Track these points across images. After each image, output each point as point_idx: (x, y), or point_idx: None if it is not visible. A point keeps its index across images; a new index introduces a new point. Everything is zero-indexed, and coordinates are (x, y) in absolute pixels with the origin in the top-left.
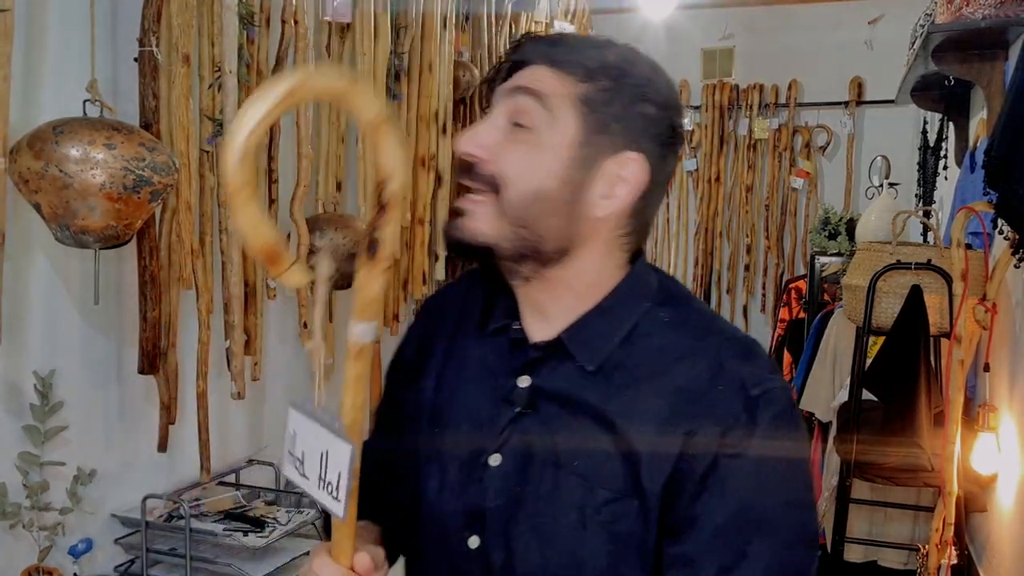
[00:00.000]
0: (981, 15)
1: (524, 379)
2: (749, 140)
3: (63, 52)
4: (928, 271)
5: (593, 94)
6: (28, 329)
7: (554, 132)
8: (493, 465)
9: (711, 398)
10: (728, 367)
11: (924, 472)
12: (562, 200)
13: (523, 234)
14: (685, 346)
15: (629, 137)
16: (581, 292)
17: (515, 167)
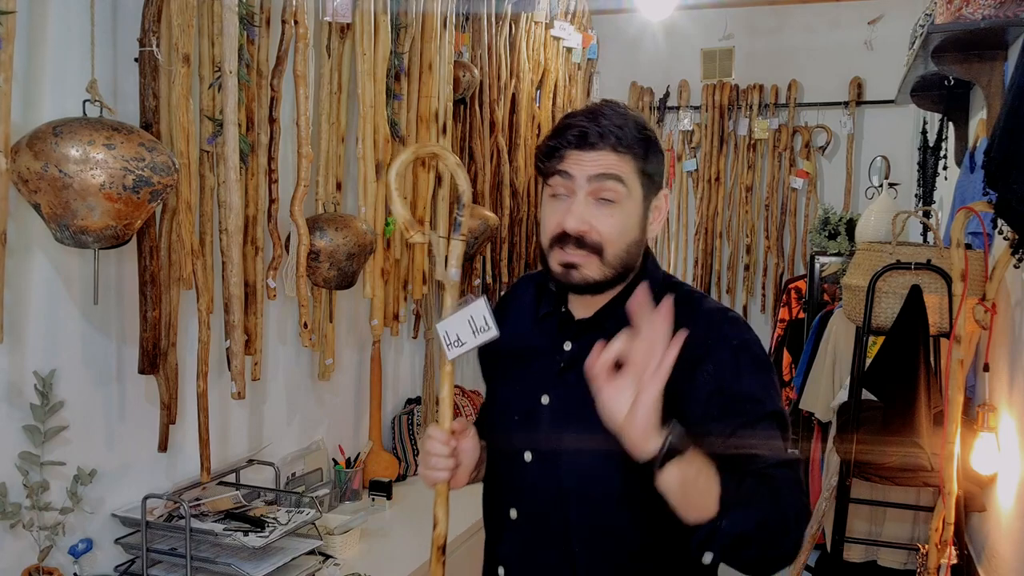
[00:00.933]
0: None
1: (568, 344)
2: (749, 140)
3: (63, 52)
4: (928, 271)
5: (645, 166)
6: (28, 329)
7: (631, 200)
8: (544, 404)
9: (706, 349)
10: (716, 328)
11: (924, 472)
12: (639, 242)
13: (621, 271)
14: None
15: (661, 180)
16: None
17: (611, 232)
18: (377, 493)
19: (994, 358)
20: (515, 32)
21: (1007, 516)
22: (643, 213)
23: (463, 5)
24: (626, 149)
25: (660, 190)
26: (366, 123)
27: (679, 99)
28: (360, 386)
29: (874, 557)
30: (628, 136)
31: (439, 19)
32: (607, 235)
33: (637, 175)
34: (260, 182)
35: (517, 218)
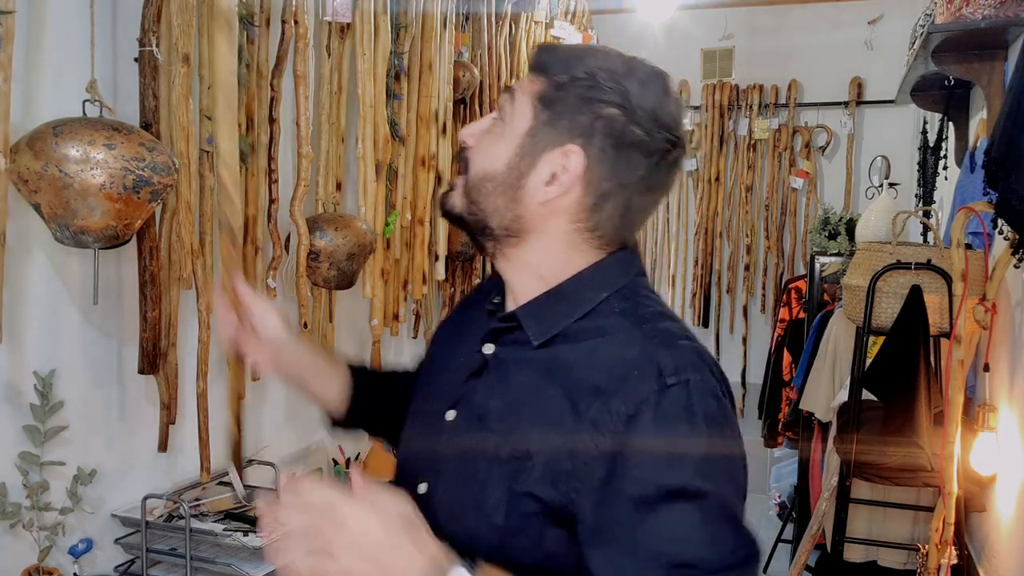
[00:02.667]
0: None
1: (488, 347)
2: (749, 140)
3: (63, 52)
4: (928, 271)
5: (549, 91)
6: (28, 329)
7: (514, 123)
8: (449, 420)
9: (629, 379)
10: (650, 353)
11: (924, 472)
12: (505, 181)
13: (474, 210)
14: (621, 330)
15: (576, 133)
16: (545, 277)
17: (478, 152)
18: None
19: (994, 358)
20: (515, 32)
21: (1007, 516)
22: (522, 152)
23: (463, 5)
24: (542, 71)
25: (569, 144)
26: (366, 123)
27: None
28: None
29: (874, 557)
30: (556, 59)
31: (439, 19)
32: (474, 152)
33: (533, 100)
34: (260, 182)
35: None
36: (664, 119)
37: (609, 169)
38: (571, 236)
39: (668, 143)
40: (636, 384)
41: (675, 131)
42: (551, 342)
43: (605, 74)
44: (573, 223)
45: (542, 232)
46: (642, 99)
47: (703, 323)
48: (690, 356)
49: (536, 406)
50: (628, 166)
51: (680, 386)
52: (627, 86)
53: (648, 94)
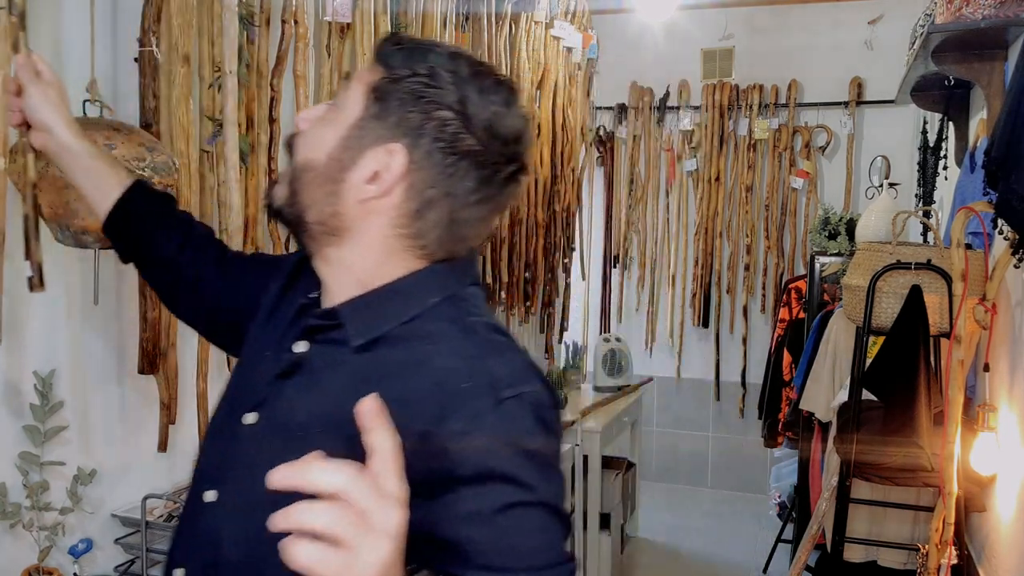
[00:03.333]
0: (981, 15)
1: (301, 344)
2: (749, 140)
3: (63, 52)
4: (928, 271)
5: (383, 84)
6: (28, 329)
7: (343, 112)
8: (247, 423)
9: (460, 394)
10: (482, 365)
11: (924, 472)
12: (324, 173)
13: (293, 201)
14: (450, 339)
15: (404, 132)
16: (364, 281)
17: (305, 139)
18: None
19: (994, 358)
20: (515, 32)
21: (1007, 516)
22: (345, 144)
23: (463, 5)
24: (381, 61)
25: (394, 143)
26: None
27: (679, 99)
28: None
29: (874, 557)
30: (398, 51)
31: (439, 19)
32: (301, 139)
33: (367, 90)
34: (260, 182)
35: (517, 218)
36: (502, 131)
37: (435, 175)
38: (391, 241)
39: (504, 157)
40: (469, 398)
41: (513, 145)
42: (372, 346)
43: (447, 75)
44: (393, 228)
45: (361, 233)
46: (480, 107)
47: (703, 323)
48: (523, 367)
49: (352, 416)
50: (457, 175)
51: (516, 399)
52: (466, 91)
53: (488, 103)
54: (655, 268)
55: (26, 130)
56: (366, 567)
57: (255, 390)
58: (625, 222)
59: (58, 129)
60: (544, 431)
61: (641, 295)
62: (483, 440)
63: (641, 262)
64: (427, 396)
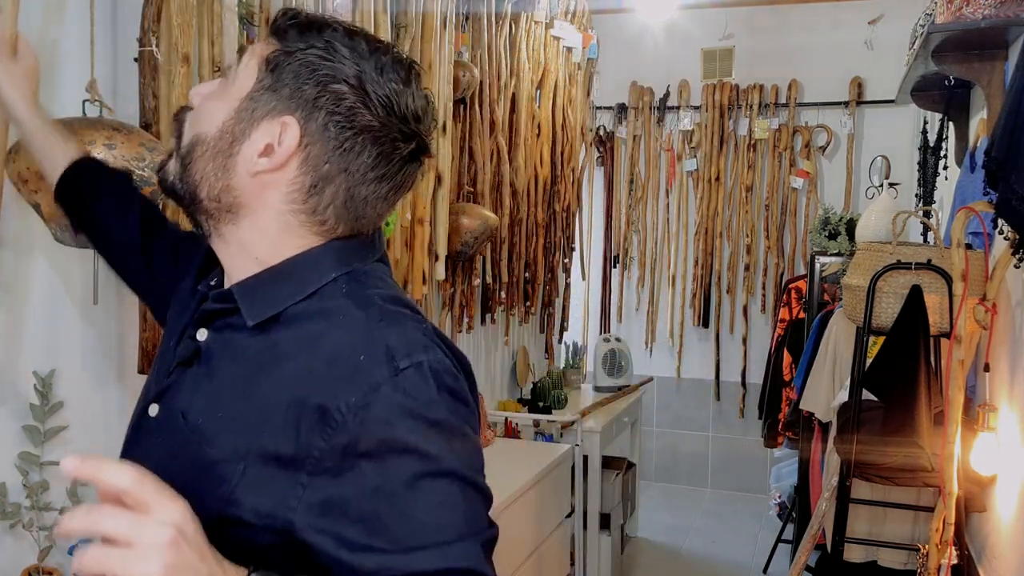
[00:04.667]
0: (981, 15)
1: (202, 332)
2: (749, 140)
3: (63, 52)
4: (928, 271)
5: (277, 56)
6: (27, 329)
7: (235, 84)
8: (152, 415)
9: (356, 367)
10: (378, 336)
11: (924, 472)
12: (215, 146)
13: (185, 176)
14: (346, 312)
15: (297, 105)
16: (261, 259)
17: (196, 113)
18: None
19: (994, 358)
20: (515, 32)
21: (1008, 516)
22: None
23: (463, 5)
24: (277, 34)
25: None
26: None
27: (679, 99)
28: None
29: (874, 557)
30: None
31: (439, 19)
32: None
33: (260, 62)
34: None
35: (517, 218)
36: (400, 109)
37: (331, 150)
38: (286, 217)
39: (403, 135)
40: (366, 371)
41: (413, 123)
42: (268, 327)
43: (344, 49)
44: (288, 203)
45: (255, 208)
46: (377, 84)
47: (703, 323)
48: (420, 336)
49: (252, 401)
50: (353, 150)
51: (414, 368)
52: (364, 67)
53: (386, 80)
54: (655, 268)
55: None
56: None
57: (158, 381)
58: (625, 222)
59: (14, 106)
60: (449, 399)
61: (641, 295)
62: (381, 412)
63: (641, 262)
64: (323, 372)
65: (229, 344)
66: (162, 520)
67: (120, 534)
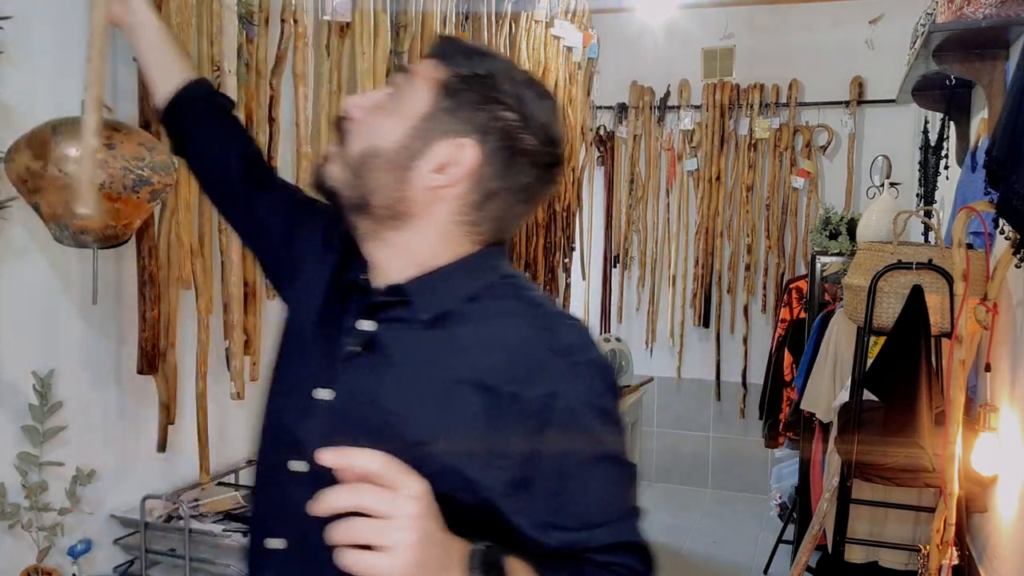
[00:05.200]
0: (982, 15)
1: (366, 323)
2: (750, 140)
3: (63, 52)
4: (929, 271)
5: (452, 81)
6: (27, 329)
7: (407, 103)
8: (320, 399)
9: (539, 361)
10: (556, 335)
11: (925, 472)
12: (393, 160)
13: (356, 184)
14: (520, 313)
15: (473, 129)
16: (418, 261)
17: (365, 126)
18: None
19: (995, 358)
20: (515, 31)
21: (1009, 517)
22: (415, 135)
23: (463, 4)
24: (445, 60)
25: (465, 138)
26: None
27: (680, 98)
28: None
29: (875, 558)
30: (462, 53)
31: (439, 18)
32: (359, 126)
33: (434, 85)
34: None
35: None
36: (552, 135)
37: (498, 170)
38: (450, 227)
39: (552, 158)
40: (550, 365)
41: (559, 148)
42: (441, 323)
43: (505, 79)
44: (454, 215)
45: (424, 218)
46: (537, 111)
47: (704, 323)
48: (586, 335)
49: (439, 389)
50: (516, 171)
51: (587, 363)
52: (524, 95)
53: (542, 108)
54: (655, 268)
55: None
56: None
57: (325, 366)
58: (625, 222)
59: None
60: (610, 391)
61: (641, 295)
62: (564, 402)
63: (641, 262)
64: (506, 367)
65: (401, 336)
66: (410, 495)
67: (378, 508)
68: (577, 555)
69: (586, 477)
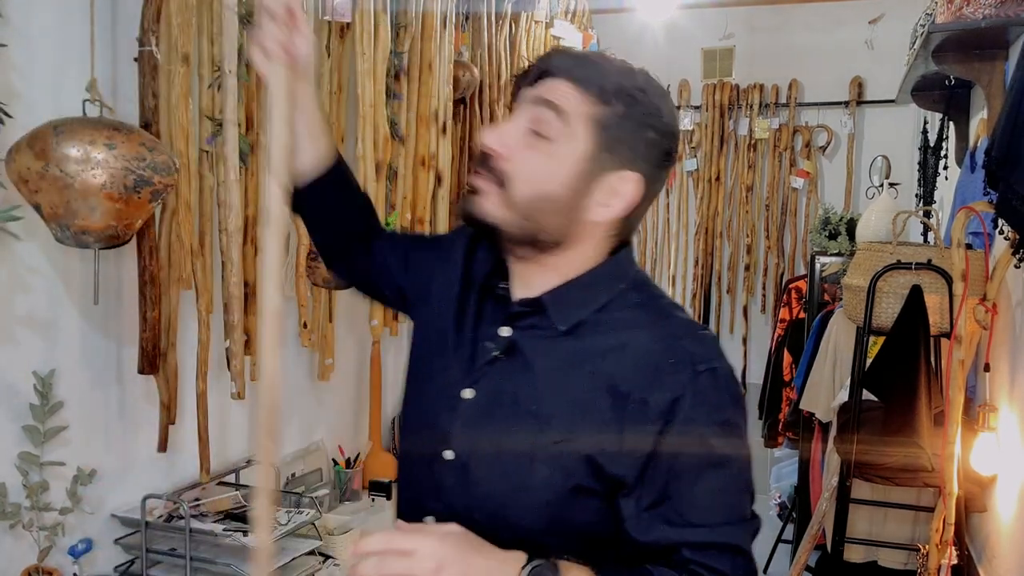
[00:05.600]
0: (981, 15)
1: (505, 329)
2: (749, 140)
3: (63, 52)
4: (928, 271)
5: (606, 117)
6: (28, 329)
7: (568, 145)
8: (466, 397)
9: (664, 369)
10: (681, 345)
11: (924, 472)
12: (565, 203)
13: (527, 225)
14: (647, 323)
15: (631, 158)
16: (566, 273)
17: (527, 169)
18: (377, 493)
19: (995, 358)
20: (515, 31)
21: (1008, 516)
22: (582, 177)
23: (463, 4)
24: (587, 87)
25: (627, 171)
26: (366, 123)
27: (679, 99)
28: (360, 386)
29: (874, 557)
30: (602, 78)
31: (439, 19)
32: (518, 167)
33: (590, 124)
34: (260, 182)
35: None
36: (677, 131)
37: (649, 188)
38: (599, 241)
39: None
40: (672, 372)
41: (677, 143)
42: (575, 331)
43: (642, 95)
44: (607, 232)
45: (583, 241)
46: (669, 118)
47: (703, 323)
48: (713, 345)
49: (574, 392)
50: (660, 180)
51: (709, 373)
52: (660, 105)
53: (669, 109)
54: (655, 268)
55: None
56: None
57: (468, 369)
58: None
59: (306, 68)
60: (733, 401)
61: None
62: (686, 410)
63: (641, 262)
64: (634, 373)
65: (538, 342)
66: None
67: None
68: (670, 552)
69: (699, 480)
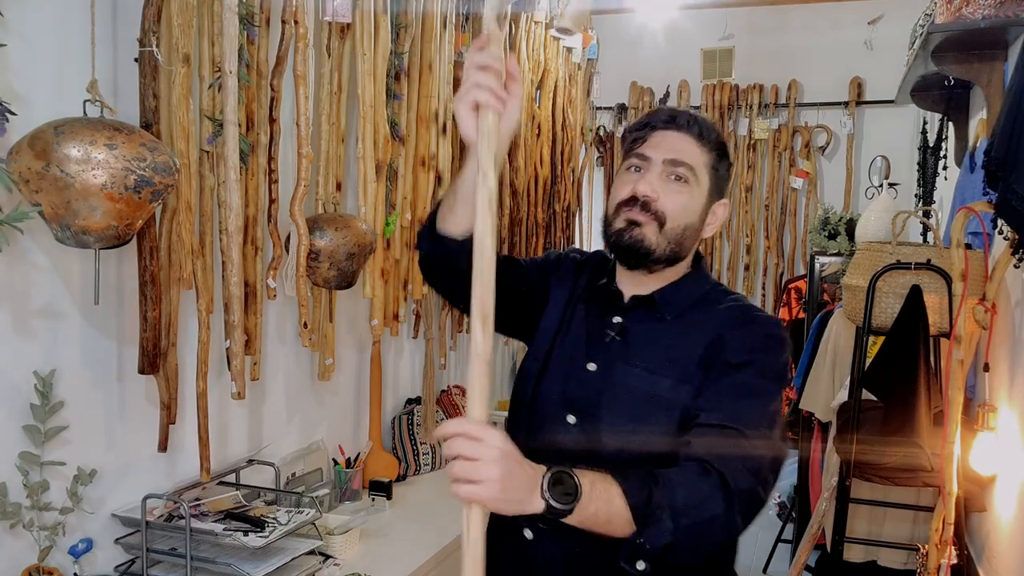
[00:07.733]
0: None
1: (618, 319)
2: (749, 140)
3: (63, 52)
4: (928, 271)
5: (715, 163)
6: (28, 329)
7: (699, 187)
8: (590, 369)
9: (735, 320)
10: (755, 316)
11: (924, 472)
12: (696, 229)
13: (675, 249)
14: (730, 304)
15: (724, 188)
16: (669, 277)
17: (676, 207)
18: (377, 493)
19: (994, 358)
20: (515, 32)
21: (1007, 516)
22: (704, 207)
23: (463, 5)
24: (705, 142)
25: (722, 198)
26: (366, 123)
27: (679, 99)
28: (360, 386)
29: (874, 557)
30: (710, 133)
31: (439, 19)
32: (671, 208)
33: (707, 170)
34: (260, 182)
35: (517, 218)
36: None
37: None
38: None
39: None
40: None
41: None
42: (678, 318)
43: (725, 142)
44: (697, 246)
45: (689, 252)
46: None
47: None
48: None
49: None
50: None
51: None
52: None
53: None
54: None
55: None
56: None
57: (591, 348)
58: None
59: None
60: (779, 343)
61: None
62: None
63: None
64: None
65: (644, 326)
66: (491, 444)
67: (468, 453)
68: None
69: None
